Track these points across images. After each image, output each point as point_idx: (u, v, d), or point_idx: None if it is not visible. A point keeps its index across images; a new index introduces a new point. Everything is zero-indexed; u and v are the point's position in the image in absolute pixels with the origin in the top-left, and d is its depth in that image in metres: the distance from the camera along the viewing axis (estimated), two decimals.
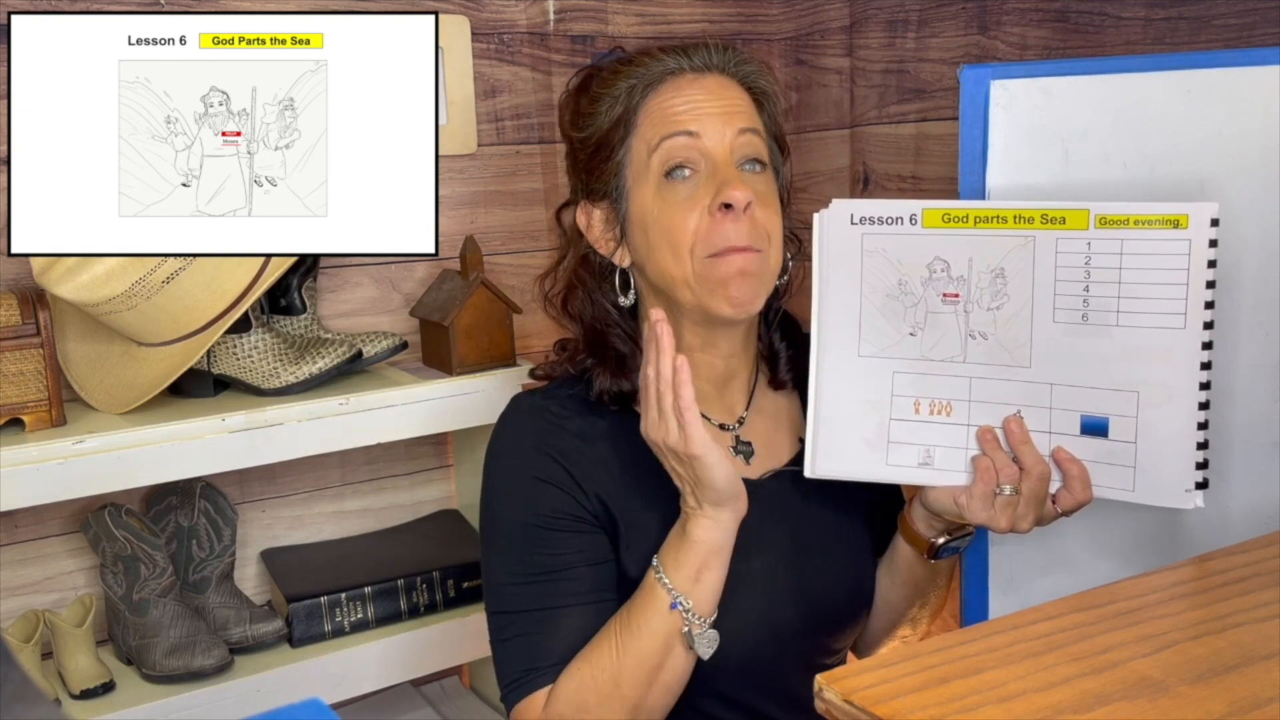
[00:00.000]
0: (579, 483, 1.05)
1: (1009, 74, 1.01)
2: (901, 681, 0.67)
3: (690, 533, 0.99)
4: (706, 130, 1.02)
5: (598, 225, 1.09)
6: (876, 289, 0.98)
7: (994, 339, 0.96)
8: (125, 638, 1.42)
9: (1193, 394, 0.91)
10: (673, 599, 0.99)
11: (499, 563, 1.07)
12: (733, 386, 1.13)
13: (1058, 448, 0.96)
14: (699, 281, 1.02)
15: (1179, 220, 0.90)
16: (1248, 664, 0.68)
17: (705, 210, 1.01)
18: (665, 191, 1.03)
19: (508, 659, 1.05)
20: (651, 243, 1.04)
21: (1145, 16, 1.51)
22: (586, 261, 1.11)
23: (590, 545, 1.05)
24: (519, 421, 1.10)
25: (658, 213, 1.03)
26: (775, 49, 1.95)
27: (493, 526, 1.09)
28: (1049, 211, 0.93)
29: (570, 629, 1.03)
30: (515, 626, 1.04)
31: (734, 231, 1.00)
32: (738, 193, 0.99)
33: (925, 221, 0.96)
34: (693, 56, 1.05)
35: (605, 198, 1.07)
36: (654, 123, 1.04)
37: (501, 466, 1.09)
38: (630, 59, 1.07)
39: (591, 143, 1.07)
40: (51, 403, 1.28)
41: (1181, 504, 0.93)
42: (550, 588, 1.03)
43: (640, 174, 1.05)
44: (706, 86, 1.04)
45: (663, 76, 1.05)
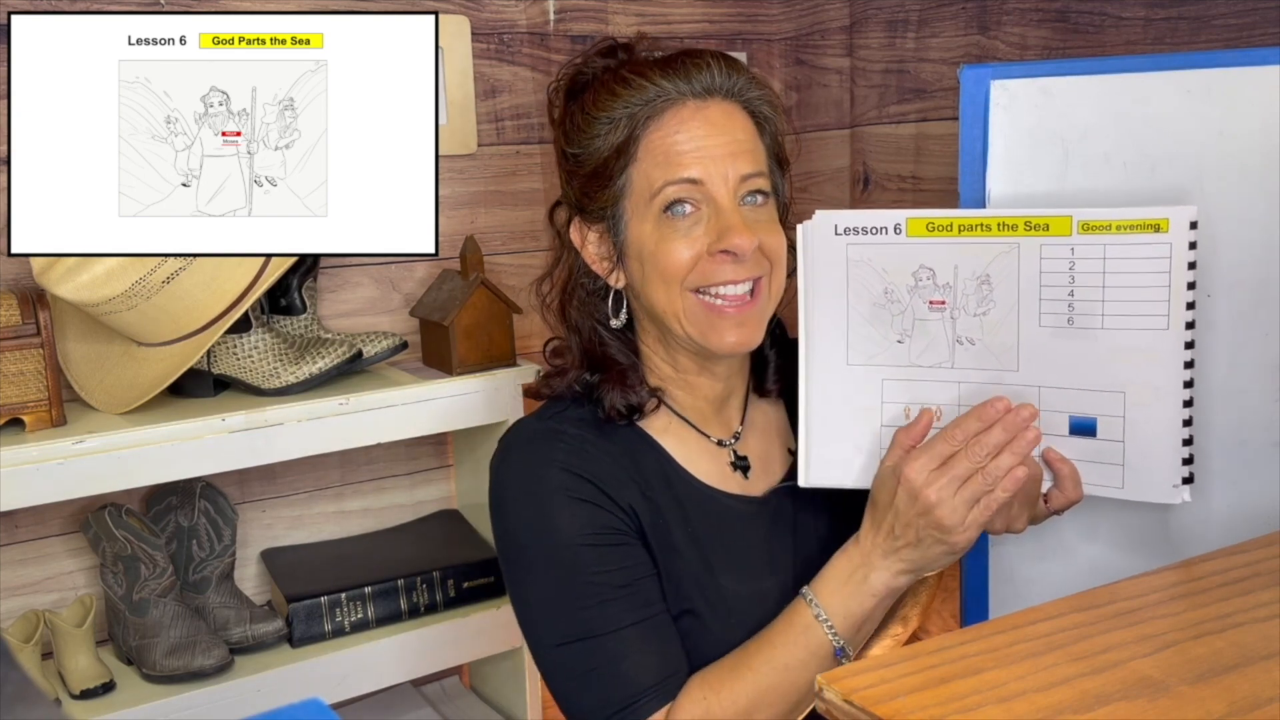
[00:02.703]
0: (613, 498, 1.01)
1: (1009, 74, 1.01)
2: (901, 681, 0.67)
3: (871, 582, 0.96)
4: (711, 175, 1.00)
5: (592, 246, 1.07)
6: (863, 298, 0.98)
7: (981, 344, 0.97)
8: (125, 638, 1.42)
9: (1177, 392, 0.93)
10: (836, 645, 0.96)
11: (548, 594, 1.01)
12: (730, 404, 1.13)
13: (1048, 449, 0.97)
14: (689, 319, 1.02)
15: (1159, 224, 0.91)
16: (1248, 664, 0.68)
17: (705, 249, 1.00)
18: (664, 226, 1.01)
19: (594, 692, 0.98)
20: (646, 274, 1.03)
21: (1145, 16, 1.51)
22: (576, 277, 1.09)
23: (642, 557, 1.01)
24: (534, 447, 1.05)
25: (654, 246, 1.01)
26: (775, 49, 1.95)
27: (530, 557, 1.02)
28: (1032, 219, 0.94)
29: (654, 649, 0.98)
30: (591, 657, 0.98)
31: (732, 269, 1.00)
32: (741, 240, 0.98)
33: (909, 231, 0.97)
34: (694, 80, 1.01)
35: (601, 220, 1.05)
36: (656, 161, 1.01)
37: (528, 494, 1.03)
38: (626, 78, 1.02)
39: (588, 166, 1.04)
40: (51, 403, 1.28)
41: (1169, 499, 0.95)
42: (620, 606, 0.98)
43: (639, 207, 1.02)
44: (710, 118, 1.01)
45: (664, 107, 1.01)
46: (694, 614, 1.02)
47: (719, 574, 1.04)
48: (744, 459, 1.12)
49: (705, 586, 1.03)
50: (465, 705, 1.71)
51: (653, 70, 1.02)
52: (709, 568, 1.04)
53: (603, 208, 1.04)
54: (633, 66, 1.04)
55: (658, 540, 1.03)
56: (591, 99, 1.04)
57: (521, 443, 1.06)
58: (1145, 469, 0.94)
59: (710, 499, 1.07)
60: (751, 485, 1.11)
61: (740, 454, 1.12)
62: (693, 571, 1.03)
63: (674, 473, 1.07)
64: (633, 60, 1.05)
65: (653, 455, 1.07)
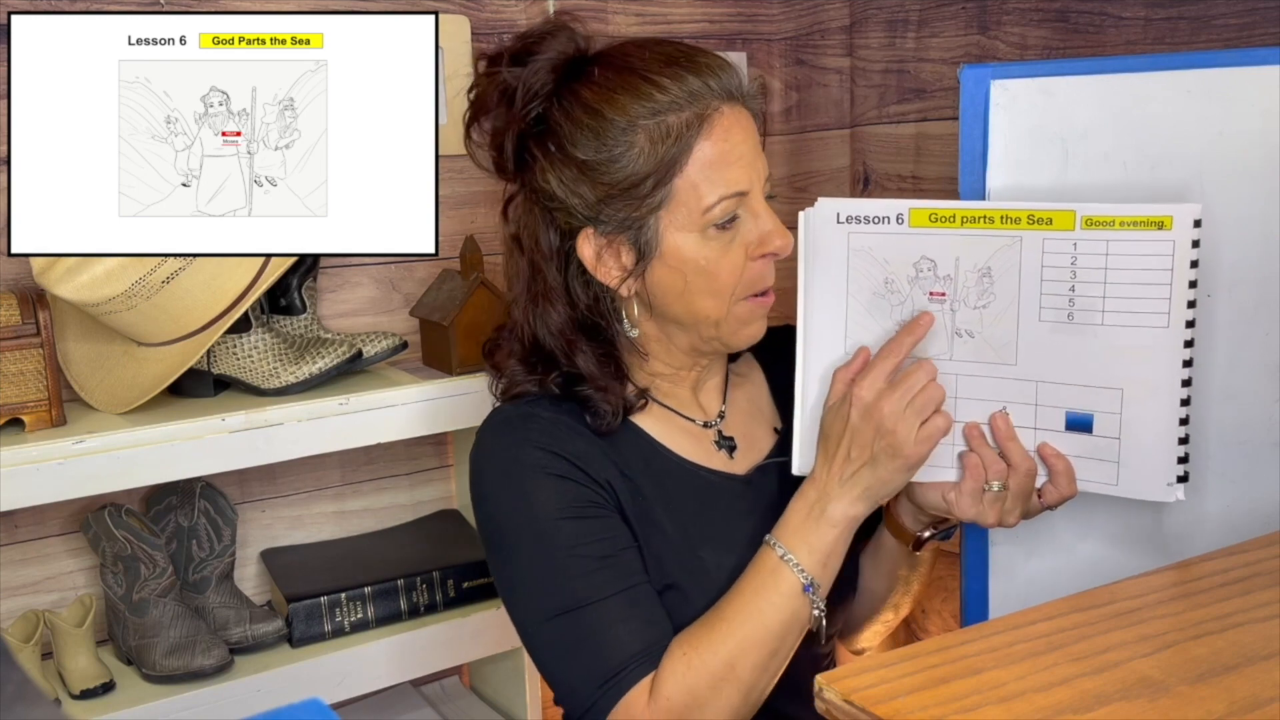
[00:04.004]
0: (590, 474, 1.02)
1: (1009, 74, 1.01)
2: (901, 681, 0.67)
3: (830, 514, 0.97)
4: (752, 183, 1.01)
5: (609, 257, 1.02)
6: (863, 287, 0.98)
7: (980, 337, 0.96)
8: (125, 638, 1.42)
9: (1175, 391, 0.93)
10: (804, 582, 0.97)
11: (530, 571, 1.01)
12: (709, 386, 1.15)
13: (1043, 443, 0.97)
14: (731, 321, 1.04)
15: (1163, 222, 0.91)
16: (1248, 664, 0.68)
17: (746, 254, 1.02)
18: (713, 239, 1.00)
19: (581, 664, 0.98)
20: (691, 284, 1.01)
21: (1145, 16, 1.51)
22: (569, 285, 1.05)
23: (621, 530, 1.02)
24: (508, 429, 1.05)
25: (705, 259, 1.00)
26: (775, 49, 1.95)
27: (511, 538, 1.03)
28: (1036, 212, 0.94)
29: (639, 617, 0.99)
30: (576, 629, 0.98)
31: (770, 273, 1.04)
32: (784, 242, 1.02)
33: (912, 221, 0.96)
34: (710, 81, 0.99)
35: (624, 231, 1.01)
36: (709, 178, 0.99)
37: (504, 475, 1.03)
38: (640, 90, 0.98)
39: (617, 176, 0.99)
40: (51, 403, 1.28)
41: (1164, 497, 0.95)
42: (603, 577, 0.99)
43: (681, 218, 1.00)
44: (741, 124, 1.01)
45: (701, 118, 0.99)
46: (676, 588, 1.03)
47: (699, 548, 1.05)
48: (729, 439, 1.13)
49: (686, 561, 1.04)
50: (465, 705, 1.71)
51: (676, 74, 0.99)
52: (690, 542, 1.05)
53: (630, 220, 1.00)
54: (643, 76, 0.99)
55: (637, 516, 1.04)
56: (606, 104, 0.99)
57: (495, 427, 1.07)
58: (1140, 467, 0.94)
59: (690, 474, 1.08)
60: (736, 464, 1.12)
61: (725, 434, 1.13)
62: (673, 546, 1.04)
63: (652, 451, 1.08)
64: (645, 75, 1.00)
65: (629, 436, 1.07)
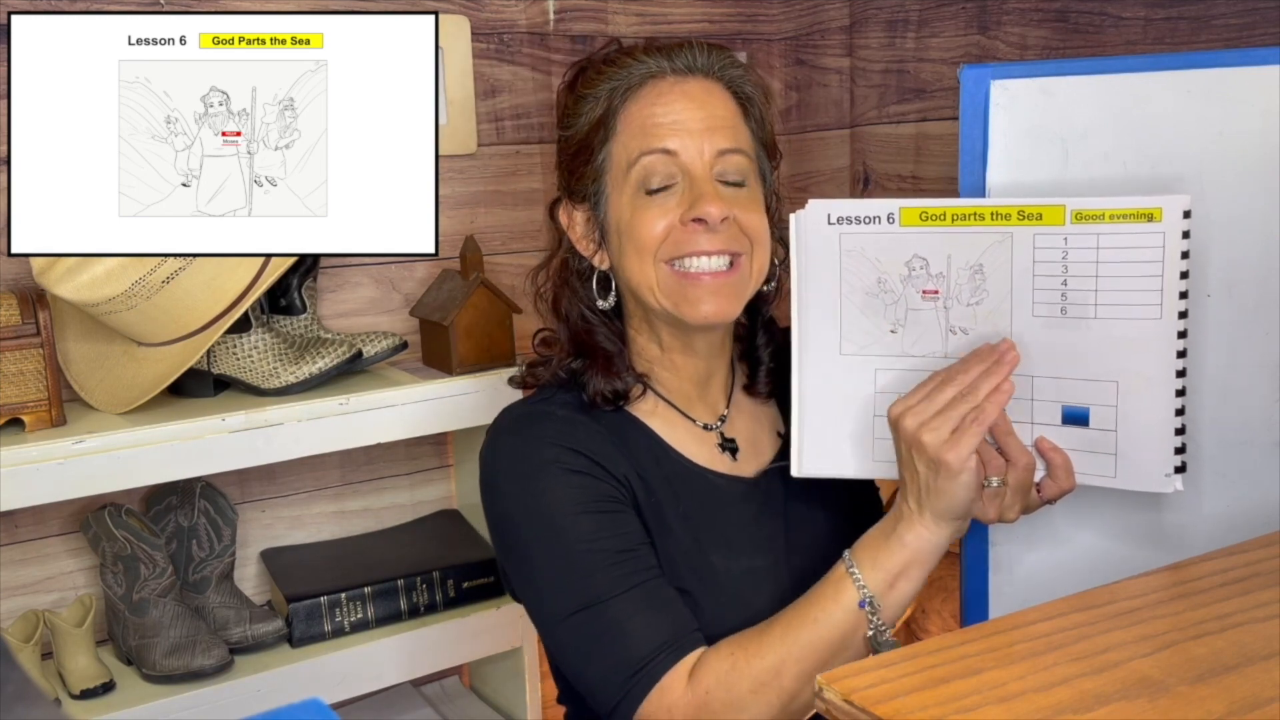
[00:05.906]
0: (607, 469, 1.02)
1: (1009, 74, 1.01)
2: (901, 681, 0.67)
3: (901, 534, 0.95)
4: (685, 148, 1.01)
5: (579, 227, 1.08)
6: (856, 287, 0.98)
7: (974, 334, 0.97)
8: (125, 638, 1.42)
9: (1170, 382, 0.93)
10: (862, 597, 0.95)
11: (549, 568, 1.00)
12: (712, 385, 1.13)
13: (1040, 438, 0.96)
14: (664, 291, 1.03)
15: (1153, 214, 0.91)
16: (1248, 664, 0.68)
17: (677, 219, 1.01)
18: (639, 199, 1.03)
19: (607, 660, 0.97)
20: (623, 247, 1.04)
21: (1145, 16, 1.51)
22: (567, 263, 1.11)
23: (638, 525, 1.01)
24: (523, 427, 1.06)
25: (629, 219, 1.03)
26: (775, 49, 1.95)
27: (528, 535, 1.02)
28: (1025, 208, 0.94)
29: (661, 608, 0.97)
30: (598, 623, 0.97)
31: (706, 239, 1.01)
32: (712, 208, 0.99)
33: (903, 220, 0.97)
34: (675, 58, 1.04)
35: (585, 200, 1.07)
36: (633, 133, 1.03)
37: (519, 473, 1.02)
38: (613, 58, 1.05)
39: (573, 144, 1.07)
40: (51, 403, 1.28)
41: (1162, 488, 0.95)
42: (623, 570, 0.98)
43: (618, 182, 1.04)
44: (688, 92, 1.03)
45: (643, 79, 1.03)
46: (686, 593, 1.02)
47: (709, 552, 1.05)
48: (731, 441, 1.12)
49: (697, 565, 1.04)
50: (465, 705, 1.71)
51: (637, 51, 1.05)
52: (700, 546, 1.05)
53: (585, 185, 1.06)
54: (621, 50, 1.07)
55: (651, 516, 1.03)
56: (581, 81, 1.07)
57: (509, 425, 1.07)
58: (1137, 458, 0.94)
59: (700, 478, 1.08)
60: (741, 466, 1.11)
61: (727, 436, 1.12)
62: (684, 550, 1.04)
63: (663, 453, 1.07)
64: (624, 48, 1.08)
65: (642, 436, 1.07)
